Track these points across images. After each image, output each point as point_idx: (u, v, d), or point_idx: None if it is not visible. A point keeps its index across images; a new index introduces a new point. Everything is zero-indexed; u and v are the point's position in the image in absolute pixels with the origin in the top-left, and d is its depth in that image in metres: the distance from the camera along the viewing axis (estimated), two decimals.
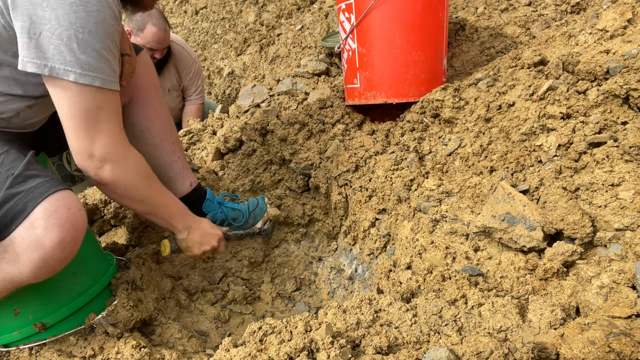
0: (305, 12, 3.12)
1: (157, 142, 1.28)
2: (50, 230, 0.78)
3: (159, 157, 1.30)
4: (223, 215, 1.43)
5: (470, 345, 0.69)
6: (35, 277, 0.81)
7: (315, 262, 1.48)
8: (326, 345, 0.72)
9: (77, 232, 0.82)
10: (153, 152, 1.28)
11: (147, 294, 1.13)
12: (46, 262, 0.79)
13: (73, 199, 0.84)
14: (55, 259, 0.80)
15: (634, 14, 1.26)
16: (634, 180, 0.91)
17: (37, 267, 0.79)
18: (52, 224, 0.78)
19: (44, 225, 0.78)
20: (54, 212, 0.79)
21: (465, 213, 1.10)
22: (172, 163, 1.32)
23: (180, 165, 1.34)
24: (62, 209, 0.80)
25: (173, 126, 1.35)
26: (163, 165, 1.31)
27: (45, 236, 0.78)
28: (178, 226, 1.15)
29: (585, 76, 1.14)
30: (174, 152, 1.32)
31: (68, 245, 0.81)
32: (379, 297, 0.91)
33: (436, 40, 1.59)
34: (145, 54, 1.26)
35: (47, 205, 0.79)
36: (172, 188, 1.34)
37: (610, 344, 0.66)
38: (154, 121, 1.26)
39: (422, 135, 1.48)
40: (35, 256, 0.78)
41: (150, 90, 1.25)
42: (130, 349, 0.91)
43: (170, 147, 1.31)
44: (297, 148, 1.67)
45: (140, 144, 1.26)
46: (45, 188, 0.81)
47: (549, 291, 0.88)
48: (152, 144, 1.28)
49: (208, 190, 1.44)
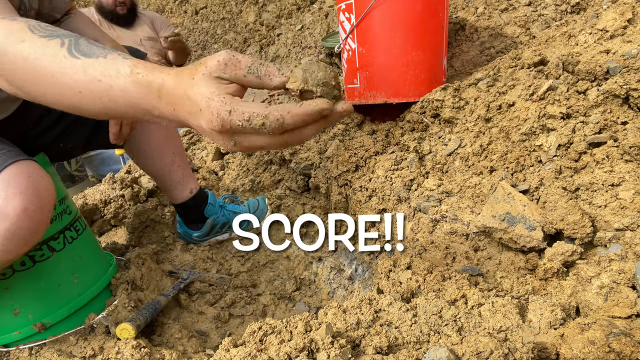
0: (305, 12, 3.11)
1: (156, 155, 1.29)
2: (12, 199, 0.75)
3: (158, 169, 1.31)
4: (225, 218, 1.44)
5: (470, 345, 0.69)
6: (6, 250, 0.78)
7: (315, 262, 1.48)
8: (326, 345, 0.72)
9: (42, 200, 0.79)
10: (152, 164, 1.30)
11: (147, 294, 1.13)
12: (14, 234, 0.76)
13: (33, 167, 0.81)
14: (23, 229, 0.77)
15: (634, 14, 1.26)
16: (634, 180, 0.91)
17: (5, 239, 0.76)
18: (12, 193, 0.75)
19: (3, 195, 0.75)
20: (12, 180, 0.76)
21: (465, 213, 1.10)
22: (172, 173, 1.32)
23: (180, 174, 1.34)
24: (22, 177, 0.77)
25: (174, 135, 1.34)
26: (162, 175, 1.32)
27: (7, 205, 0.75)
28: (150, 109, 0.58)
29: (585, 76, 1.14)
30: (174, 162, 1.32)
31: (34, 214, 0.77)
32: (379, 297, 0.91)
33: (436, 40, 1.59)
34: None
35: (5, 175, 0.76)
36: (171, 196, 1.36)
37: (610, 344, 0.66)
38: (152, 132, 1.26)
39: (422, 135, 1.48)
40: (1, 227, 0.75)
41: None
42: (130, 349, 0.91)
43: (170, 157, 1.31)
44: (297, 148, 1.67)
45: (140, 155, 1.28)
46: (2, 160, 0.78)
47: (549, 291, 0.88)
48: (151, 156, 1.28)
49: (210, 194, 1.44)
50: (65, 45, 0.59)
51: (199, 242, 1.46)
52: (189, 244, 1.46)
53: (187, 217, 1.42)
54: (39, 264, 0.90)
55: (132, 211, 1.51)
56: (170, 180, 1.33)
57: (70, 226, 0.99)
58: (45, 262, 0.92)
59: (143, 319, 0.97)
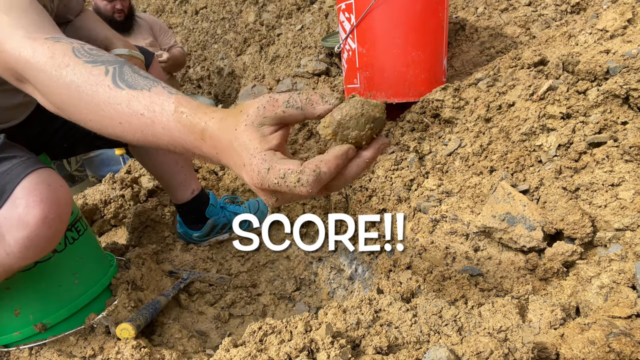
0: (305, 12, 3.11)
1: (160, 156, 1.30)
2: (32, 208, 0.76)
3: (162, 170, 1.32)
4: (225, 219, 1.44)
5: (470, 345, 0.69)
6: (23, 257, 0.79)
7: (315, 262, 1.48)
8: (326, 345, 0.72)
9: (60, 208, 0.80)
10: (156, 164, 1.31)
11: (147, 294, 1.13)
12: (32, 241, 0.77)
13: (53, 176, 0.82)
14: (42, 237, 0.77)
15: (634, 14, 1.26)
16: (634, 180, 0.91)
17: (24, 247, 0.77)
18: (33, 202, 0.76)
19: (25, 203, 0.76)
20: (34, 189, 0.77)
21: (465, 213, 1.10)
22: (175, 173, 1.33)
23: (183, 175, 1.35)
24: (42, 185, 0.78)
25: None
26: (165, 176, 1.33)
27: (28, 214, 0.75)
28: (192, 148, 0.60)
29: (585, 76, 1.14)
30: (177, 163, 1.33)
31: (52, 222, 0.78)
32: (379, 297, 0.91)
33: (436, 40, 1.59)
34: (156, 65, 1.26)
35: (26, 183, 0.77)
36: (174, 196, 1.37)
37: (610, 344, 0.66)
38: None
39: (422, 135, 1.48)
40: (21, 235, 0.76)
41: None
42: (130, 349, 0.91)
43: (174, 158, 1.32)
44: (297, 148, 1.67)
45: (144, 155, 1.29)
46: (23, 168, 0.79)
47: (549, 291, 0.88)
48: (155, 157, 1.30)
49: (211, 195, 1.44)
50: (110, 73, 0.59)
51: (199, 242, 1.47)
52: (189, 244, 1.46)
53: (188, 218, 1.42)
54: (40, 265, 0.91)
55: (132, 211, 1.51)
56: (174, 180, 1.33)
57: (72, 227, 0.99)
58: (47, 263, 0.92)
59: (143, 319, 0.97)
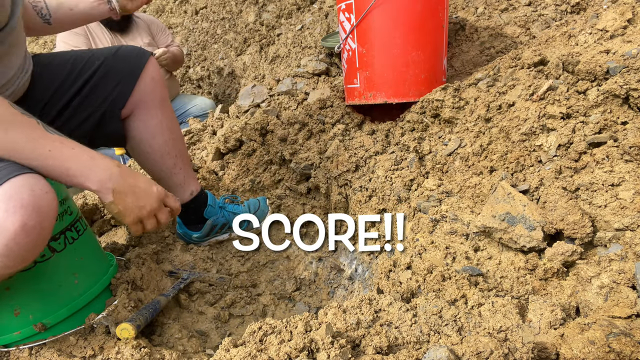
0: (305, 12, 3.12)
1: (158, 157, 1.28)
2: (12, 214, 0.72)
3: (160, 171, 1.31)
4: (224, 219, 1.44)
5: (470, 345, 0.69)
6: (5, 266, 0.75)
7: (315, 262, 1.48)
8: (326, 345, 0.72)
9: (42, 215, 0.75)
10: (154, 166, 1.29)
11: (147, 294, 1.13)
12: (11, 249, 0.73)
13: (38, 181, 0.78)
14: (20, 245, 0.73)
15: (634, 14, 1.26)
16: (634, 180, 0.91)
17: (3, 255, 0.73)
18: (12, 207, 0.72)
19: (4, 208, 0.72)
20: (15, 194, 0.73)
21: (465, 213, 1.10)
22: (173, 175, 1.32)
23: (182, 177, 1.34)
24: (25, 190, 0.74)
25: (178, 138, 1.34)
26: (163, 177, 1.32)
27: (7, 219, 0.71)
28: (87, 183, 0.83)
29: (585, 76, 1.14)
30: (176, 165, 1.32)
31: (32, 230, 0.74)
32: (379, 297, 0.91)
33: (436, 40, 1.59)
34: (155, 66, 1.24)
35: (8, 187, 0.73)
36: None
37: (610, 344, 0.66)
38: (155, 135, 1.25)
39: (422, 135, 1.48)
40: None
41: (154, 105, 1.23)
42: (130, 349, 0.91)
43: (172, 160, 1.31)
44: (297, 148, 1.67)
45: (142, 157, 1.28)
46: (7, 172, 0.75)
47: (549, 291, 0.88)
48: (153, 158, 1.28)
49: (210, 195, 1.44)
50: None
51: (198, 242, 1.47)
52: (188, 244, 1.46)
53: (187, 218, 1.42)
54: (39, 265, 0.90)
55: None
56: (172, 182, 1.33)
57: (71, 227, 0.99)
58: (46, 263, 0.92)
59: (143, 319, 0.96)
